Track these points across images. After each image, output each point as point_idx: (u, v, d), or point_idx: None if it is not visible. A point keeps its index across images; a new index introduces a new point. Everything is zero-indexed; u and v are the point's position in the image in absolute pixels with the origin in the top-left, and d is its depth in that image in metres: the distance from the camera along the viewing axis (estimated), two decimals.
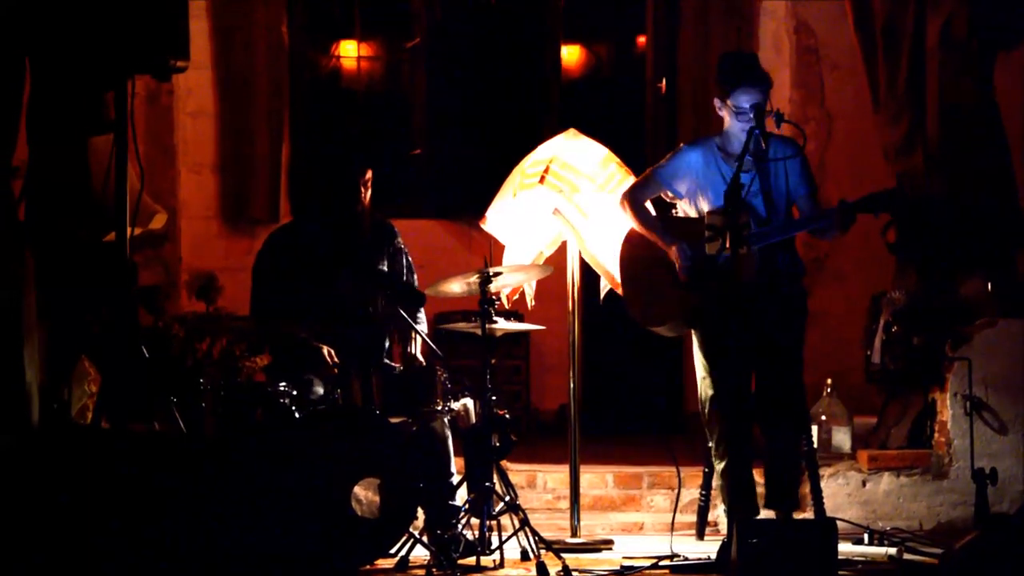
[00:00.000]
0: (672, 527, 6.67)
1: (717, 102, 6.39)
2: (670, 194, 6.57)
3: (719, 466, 6.44)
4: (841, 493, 7.42)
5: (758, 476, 6.67)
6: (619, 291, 6.85)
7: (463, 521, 6.38)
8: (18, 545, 5.33)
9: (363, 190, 6.75)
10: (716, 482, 6.88)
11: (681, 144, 6.62)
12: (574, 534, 6.88)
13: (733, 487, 6.39)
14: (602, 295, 7.04)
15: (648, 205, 6.60)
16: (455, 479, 6.62)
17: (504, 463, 6.72)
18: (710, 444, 6.48)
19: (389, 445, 6.21)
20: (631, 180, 6.90)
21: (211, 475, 5.68)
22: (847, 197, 6.38)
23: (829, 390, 7.72)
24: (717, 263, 6.06)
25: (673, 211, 6.63)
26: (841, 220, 6.27)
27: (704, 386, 6.44)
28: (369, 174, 6.76)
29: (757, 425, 6.48)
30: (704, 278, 6.25)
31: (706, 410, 6.44)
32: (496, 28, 9.84)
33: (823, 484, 7.01)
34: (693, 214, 6.49)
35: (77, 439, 5.83)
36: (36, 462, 5.51)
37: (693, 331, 6.47)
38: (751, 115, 6.23)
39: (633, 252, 6.60)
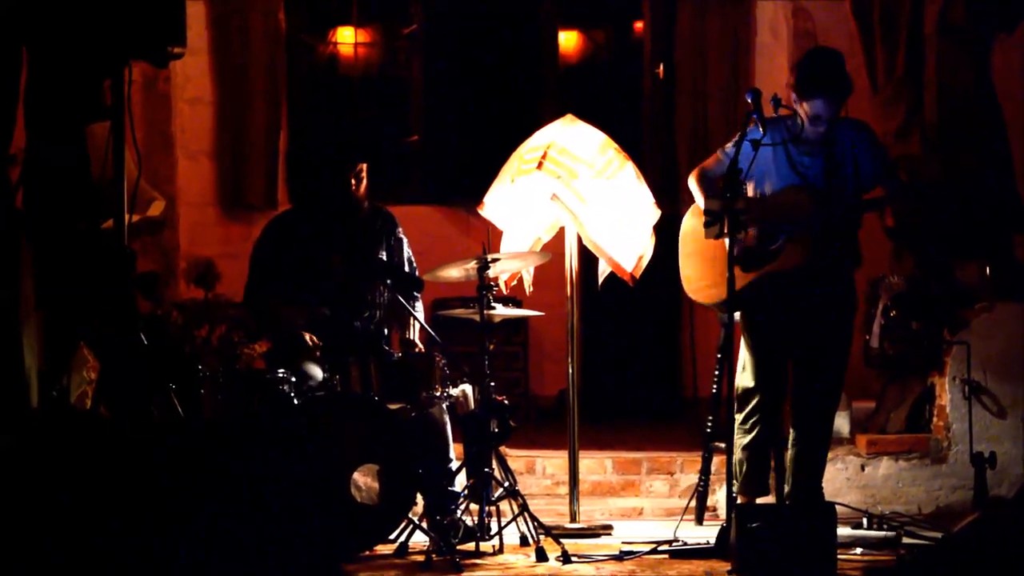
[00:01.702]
0: (685, 509, 6.73)
1: (794, 96, 6.29)
2: None
3: (743, 440, 6.45)
4: (840, 477, 7.43)
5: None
6: (622, 275, 6.84)
7: (462, 507, 6.38)
8: (18, 535, 5.32)
9: (355, 183, 6.74)
10: (716, 466, 6.90)
11: (753, 122, 6.40)
12: (573, 519, 6.88)
13: (754, 464, 6.42)
14: (600, 281, 7.03)
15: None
16: (454, 465, 6.62)
17: (503, 449, 6.72)
18: (736, 419, 6.46)
19: (388, 431, 6.21)
20: (629, 165, 6.89)
21: (209, 462, 5.68)
22: None
23: None
24: (770, 247, 6.08)
25: None
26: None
27: (745, 364, 6.47)
28: (362, 167, 6.75)
29: (789, 409, 6.53)
30: (757, 261, 6.26)
31: (741, 387, 6.47)
32: (493, 14, 9.82)
33: None
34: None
35: (76, 425, 5.82)
36: (35, 448, 5.50)
37: (740, 312, 6.46)
38: (824, 122, 6.24)
39: (696, 228, 6.49)
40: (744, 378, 6.48)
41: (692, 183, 6.46)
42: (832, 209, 6.27)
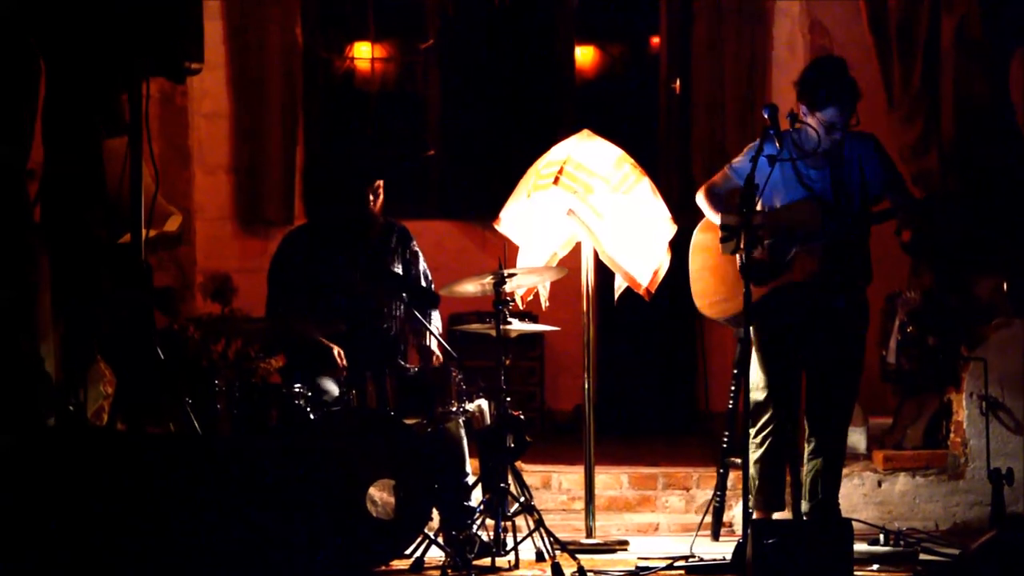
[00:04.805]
0: (699, 525, 6.73)
1: (803, 108, 6.30)
2: None
3: (757, 454, 6.45)
4: (857, 493, 7.41)
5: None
6: (638, 290, 6.85)
7: (478, 522, 6.37)
8: (27, 543, 5.33)
9: (372, 198, 6.76)
10: (732, 481, 6.89)
11: (758, 139, 6.53)
12: (589, 535, 6.87)
13: (768, 478, 6.42)
14: (616, 296, 7.04)
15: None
16: (470, 480, 6.61)
17: (519, 464, 6.72)
18: (751, 432, 6.46)
19: (404, 446, 6.21)
20: (645, 180, 6.90)
21: (226, 476, 5.68)
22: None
23: None
24: (782, 260, 6.09)
25: None
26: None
27: (758, 378, 6.47)
28: (379, 183, 6.77)
29: (803, 424, 6.53)
30: (768, 274, 6.27)
31: (754, 401, 6.46)
32: (510, 29, 9.84)
33: None
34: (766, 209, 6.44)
35: (92, 440, 5.83)
36: (51, 461, 5.51)
37: (752, 325, 6.45)
38: (839, 130, 6.27)
39: (705, 243, 6.56)
40: (756, 392, 6.48)
41: (701, 199, 6.50)
42: (841, 221, 6.28)
